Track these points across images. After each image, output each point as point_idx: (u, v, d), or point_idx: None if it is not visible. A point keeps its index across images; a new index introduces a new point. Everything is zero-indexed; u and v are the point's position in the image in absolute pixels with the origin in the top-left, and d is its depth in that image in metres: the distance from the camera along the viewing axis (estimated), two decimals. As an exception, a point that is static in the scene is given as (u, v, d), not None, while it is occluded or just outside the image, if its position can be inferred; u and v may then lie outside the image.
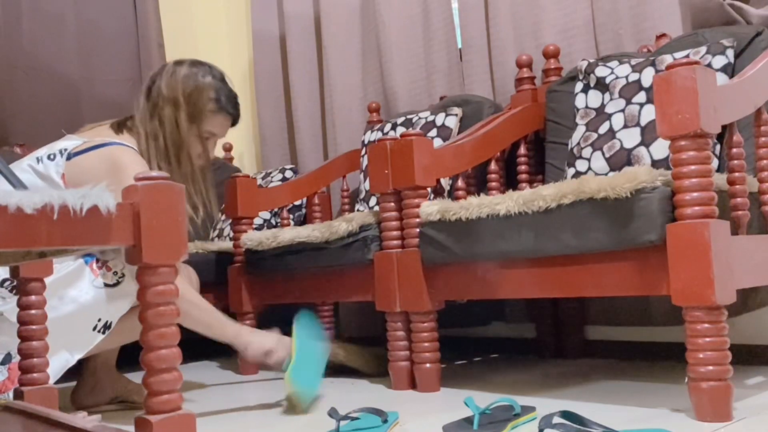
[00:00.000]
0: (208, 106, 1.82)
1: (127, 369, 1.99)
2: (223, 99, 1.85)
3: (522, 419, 1.41)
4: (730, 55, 1.83)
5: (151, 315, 0.88)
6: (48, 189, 0.81)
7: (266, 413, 1.70)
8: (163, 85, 1.79)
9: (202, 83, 1.81)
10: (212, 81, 1.83)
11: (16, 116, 2.85)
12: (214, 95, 1.82)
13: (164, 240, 0.88)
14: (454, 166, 1.97)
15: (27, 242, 0.79)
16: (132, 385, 1.88)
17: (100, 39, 3.16)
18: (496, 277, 1.68)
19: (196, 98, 1.80)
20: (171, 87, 1.79)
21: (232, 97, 1.88)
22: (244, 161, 3.70)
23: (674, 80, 1.33)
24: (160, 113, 1.78)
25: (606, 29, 2.29)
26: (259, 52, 3.48)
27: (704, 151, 1.34)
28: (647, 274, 1.42)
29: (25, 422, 1.14)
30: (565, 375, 1.99)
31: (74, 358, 1.63)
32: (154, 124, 1.78)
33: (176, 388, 0.90)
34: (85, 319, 1.64)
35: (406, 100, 2.83)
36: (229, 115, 1.87)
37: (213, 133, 1.86)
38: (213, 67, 1.87)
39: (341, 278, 2.09)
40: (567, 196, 1.50)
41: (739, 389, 1.61)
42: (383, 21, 2.87)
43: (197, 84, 1.81)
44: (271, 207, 2.63)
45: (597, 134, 1.96)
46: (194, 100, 1.80)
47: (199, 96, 1.80)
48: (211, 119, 1.84)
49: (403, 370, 1.89)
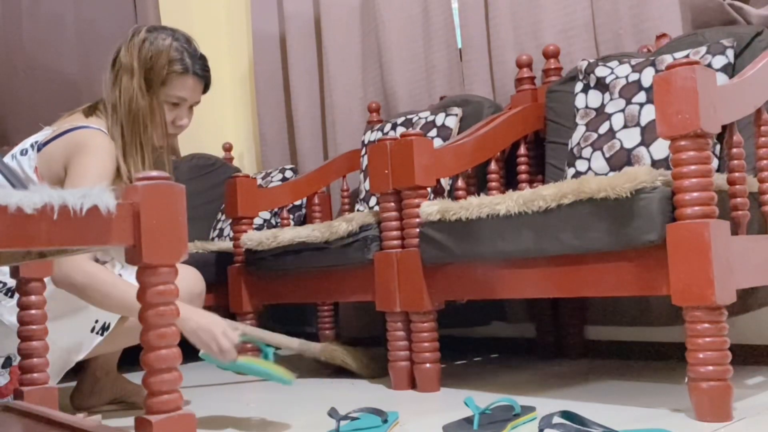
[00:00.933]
0: (170, 68, 1.69)
1: (127, 369, 1.99)
2: (188, 60, 1.71)
3: (522, 419, 1.41)
4: (730, 55, 1.83)
5: (151, 315, 0.88)
6: (48, 189, 0.81)
7: (266, 413, 1.70)
8: (121, 53, 1.70)
9: (161, 46, 1.69)
10: (173, 43, 1.70)
11: (16, 116, 2.85)
12: (177, 56, 1.70)
13: (164, 240, 0.88)
14: (454, 166, 1.97)
15: (27, 242, 0.79)
16: (132, 386, 1.88)
17: (100, 39, 3.15)
18: (496, 277, 1.68)
19: (154, 62, 1.68)
20: (129, 54, 1.68)
21: (198, 57, 1.74)
22: (244, 161, 3.70)
23: (674, 80, 1.33)
24: (120, 84, 1.69)
25: (606, 29, 2.29)
26: (259, 52, 3.48)
27: (704, 151, 1.34)
28: (647, 274, 1.42)
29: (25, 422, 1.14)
30: (565, 375, 1.99)
31: (73, 360, 1.62)
32: (115, 95, 1.69)
33: (176, 388, 0.90)
34: (81, 321, 1.63)
35: (406, 100, 2.83)
36: (196, 76, 1.73)
37: (182, 98, 1.72)
38: (176, 31, 1.75)
39: (341, 278, 2.09)
40: (567, 196, 1.50)
41: (739, 389, 1.61)
42: (383, 21, 2.87)
43: (155, 47, 1.68)
44: (271, 207, 2.63)
45: (597, 134, 1.96)
46: (152, 65, 1.68)
47: (157, 59, 1.68)
48: (176, 82, 1.70)
49: (403, 370, 1.89)
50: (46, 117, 1.83)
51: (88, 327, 1.63)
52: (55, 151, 1.63)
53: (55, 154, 1.63)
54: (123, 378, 1.90)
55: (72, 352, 1.62)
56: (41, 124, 1.77)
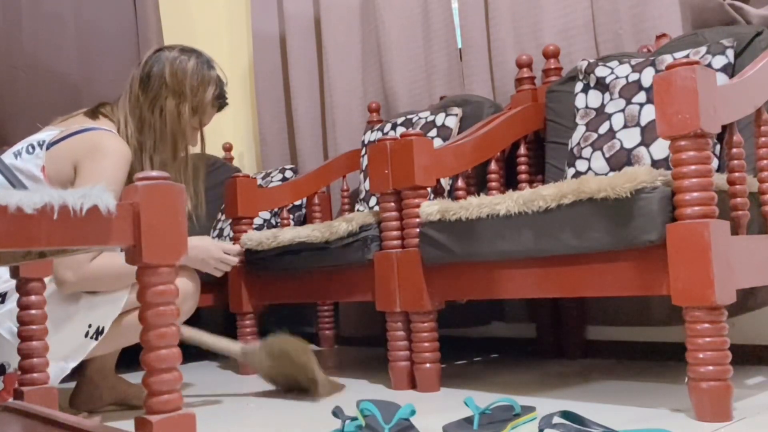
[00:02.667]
0: (215, 101, 1.83)
1: (127, 369, 1.99)
2: (224, 93, 1.86)
3: (522, 419, 1.41)
4: (730, 55, 1.83)
5: (151, 315, 0.88)
6: (48, 189, 0.81)
7: (266, 413, 1.70)
8: (166, 74, 1.76)
9: (208, 77, 1.81)
10: (214, 74, 1.83)
11: (16, 116, 2.85)
12: (218, 91, 1.83)
13: (164, 240, 0.88)
14: (454, 166, 1.97)
15: (27, 242, 0.79)
16: (131, 389, 1.87)
17: (100, 39, 3.15)
18: (496, 277, 1.68)
19: (201, 91, 1.79)
20: (177, 78, 1.76)
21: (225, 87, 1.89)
22: (244, 161, 3.70)
23: (674, 80, 1.33)
24: (162, 103, 1.76)
25: (606, 29, 2.29)
26: (259, 52, 3.48)
27: (704, 151, 1.34)
28: (647, 274, 1.42)
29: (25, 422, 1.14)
30: (565, 375, 1.99)
31: (69, 366, 1.61)
32: (154, 114, 1.75)
33: (176, 388, 0.90)
34: (75, 328, 1.62)
35: (406, 100, 2.83)
36: (223, 107, 1.89)
37: (205, 124, 1.86)
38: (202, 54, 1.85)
39: (341, 278, 2.09)
40: (567, 196, 1.50)
41: (739, 389, 1.61)
42: (383, 21, 2.87)
43: (203, 77, 1.80)
44: (271, 207, 2.63)
45: (597, 134, 1.96)
46: (199, 93, 1.79)
47: (204, 89, 1.80)
48: (210, 112, 1.85)
49: (403, 370, 1.89)
50: (46, 117, 1.83)
51: (81, 332, 1.62)
52: (65, 151, 1.65)
53: (65, 154, 1.64)
54: (122, 380, 1.89)
55: (68, 360, 1.61)
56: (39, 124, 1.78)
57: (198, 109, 1.80)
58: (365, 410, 1.32)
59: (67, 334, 1.60)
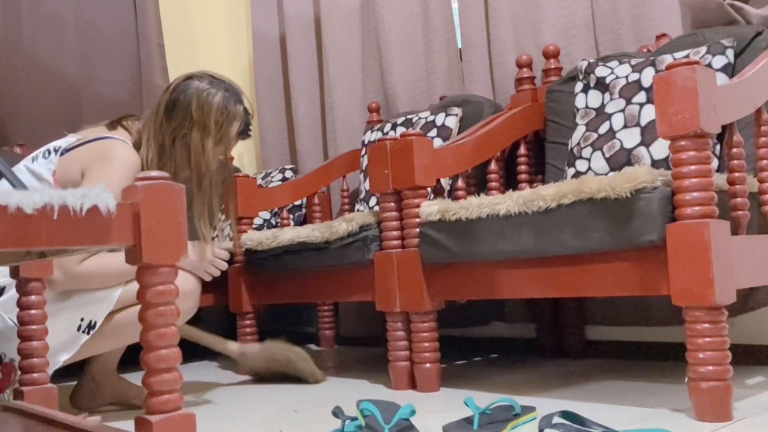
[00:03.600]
0: (234, 134, 1.81)
1: (127, 369, 1.99)
2: (249, 128, 1.85)
3: (522, 419, 1.41)
4: (730, 55, 1.83)
5: (151, 315, 0.88)
6: (48, 189, 0.81)
7: (266, 413, 1.70)
8: (193, 107, 1.74)
9: (234, 112, 1.78)
10: (240, 109, 1.80)
11: (16, 116, 2.85)
12: (242, 126, 1.82)
13: (164, 240, 0.88)
14: (454, 166, 1.97)
15: (27, 242, 0.79)
16: (132, 389, 1.87)
17: (100, 39, 3.16)
18: (496, 277, 1.68)
19: (226, 127, 1.78)
20: (203, 112, 1.74)
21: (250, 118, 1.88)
22: (244, 161, 3.70)
23: (674, 80, 1.33)
24: (186, 134, 1.75)
25: (606, 29, 2.29)
26: (259, 52, 3.48)
27: (704, 151, 1.34)
28: (647, 274, 1.42)
29: (25, 422, 1.14)
30: (565, 375, 1.99)
31: (61, 359, 1.61)
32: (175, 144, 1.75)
33: (176, 388, 0.90)
34: (67, 320, 1.62)
35: (406, 100, 2.83)
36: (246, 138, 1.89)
37: (228, 154, 1.87)
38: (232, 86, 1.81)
39: (341, 278, 2.09)
40: (567, 196, 1.50)
41: (739, 389, 1.61)
42: (383, 21, 2.87)
43: (229, 113, 1.77)
44: (271, 207, 2.63)
45: (597, 134, 1.96)
46: (224, 128, 1.77)
47: (229, 125, 1.78)
48: (232, 144, 1.84)
49: (403, 370, 1.89)
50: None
51: (74, 325, 1.63)
52: (77, 157, 1.67)
53: (76, 160, 1.67)
54: (123, 380, 1.89)
55: (59, 352, 1.61)
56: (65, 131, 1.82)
57: (222, 142, 1.79)
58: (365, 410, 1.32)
59: (59, 326, 1.60)
